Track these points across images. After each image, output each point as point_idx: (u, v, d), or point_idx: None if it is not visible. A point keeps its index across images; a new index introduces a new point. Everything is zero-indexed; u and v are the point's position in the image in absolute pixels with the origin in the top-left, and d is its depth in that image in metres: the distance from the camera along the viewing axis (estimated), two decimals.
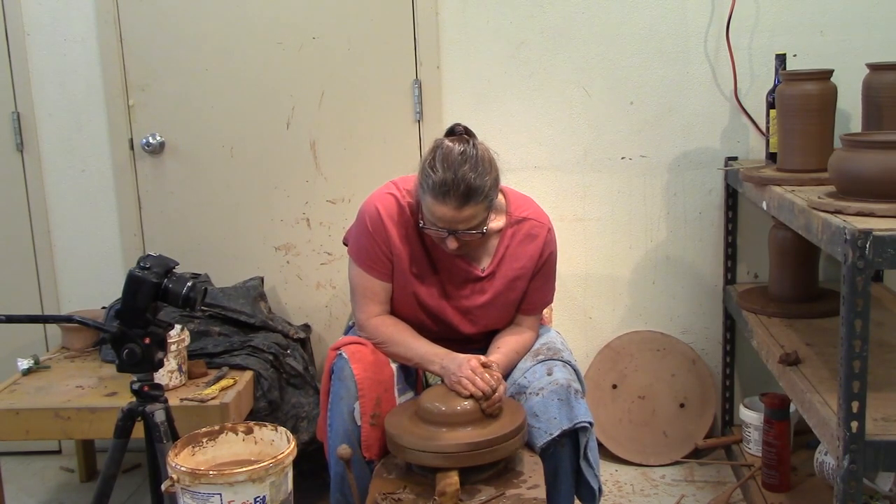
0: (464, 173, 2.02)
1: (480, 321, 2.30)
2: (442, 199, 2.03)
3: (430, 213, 2.08)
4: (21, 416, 2.45)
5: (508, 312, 2.32)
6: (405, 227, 2.22)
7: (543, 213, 2.33)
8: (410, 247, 2.23)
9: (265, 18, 3.00)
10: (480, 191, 2.04)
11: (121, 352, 1.97)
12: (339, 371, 2.16)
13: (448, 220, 2.06)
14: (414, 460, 2.00)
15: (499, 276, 2.27)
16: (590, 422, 2.12)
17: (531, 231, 2.27)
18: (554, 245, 2.31)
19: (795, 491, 2.61)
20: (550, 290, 2.37)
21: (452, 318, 2.29)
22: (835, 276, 2.98)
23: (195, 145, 3.10)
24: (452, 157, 2.04)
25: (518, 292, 2.29)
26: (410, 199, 2.21)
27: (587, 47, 2.96)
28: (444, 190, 2.02)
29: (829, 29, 2.88)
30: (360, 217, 2.26)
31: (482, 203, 2.07)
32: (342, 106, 3.05)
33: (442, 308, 2.28)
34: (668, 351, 3.09)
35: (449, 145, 2.07)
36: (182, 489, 1.84)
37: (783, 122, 2.49)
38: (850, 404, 1.78)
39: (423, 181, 2.06)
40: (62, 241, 3.16)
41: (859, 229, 1.73)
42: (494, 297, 2.27)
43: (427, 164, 2.07)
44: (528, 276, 2.28)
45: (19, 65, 3.04)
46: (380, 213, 2.21)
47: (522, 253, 2.26)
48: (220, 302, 2.84)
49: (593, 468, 2.16)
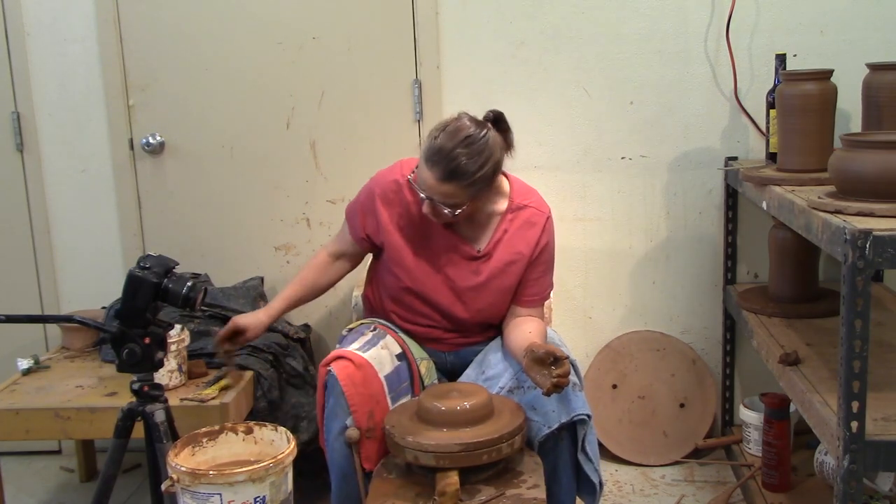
0: (458, 153, 2.08)
1: (473, 304, 2.31)
2: (430, 165, 2.10)
3: (417, 171, 2.17)
4: (21, 416, 2.45)
5: (503, 300, 2.32)
6: (401, 206, 2.30)
7: (545, 203, 2.35)
8: (406, 224, 2.30)
9: (265, 18, 3.00)
10: (466, 175, 2.09)
11: (121, 352, 1.97)
12: (331, 388, 2.16)
13: (427, 186, 2.13)
14: (414, 460, 2.00)
15: (494, 258, 2.29)
16: (588, 414, 2.12)
17: (531, 218, 2.30)
18: (552, 235, 2.34)
19: (795, 491, 2.61)
20: (549, 282, 2.38)
21: (444, 299, 2.30)
22: (835, 276, 2.98)
23: (195, 145, 3.10)
24: (459, 133, 2.09)
25: (513, 278, 2.30)
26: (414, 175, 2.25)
27: (587, 47, 2.96)
28: (435, 158, 2.09)
29: (829, 29, 2.88)
30: (367, 187, 2.38)
31: (465, 188, 2.11)
32: (342, 106, 3.05)
33: (434, 285, 2.30)
34: (668, 351, 3.09)
35: (465, 122, 2.12)
36: (182, 489, 1.85)
37: (783, 122, 2.49)
38: (850, 404, 1.78)
39: (427, 139, 2.14)
40: (62, 241, 3.17)
41: (859, 229, 1.73)
42: (489, 278, 2.29)
43: (437, 127, 2.14)
44: (524, 262, 2.29)
45: (19, 65, 3.04)
46: (374, 193, 2.32)
47: (520, 238, 2.29)
48: (220, 302, 2.84)
49: (592, 462, 2.16)
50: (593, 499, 2.21)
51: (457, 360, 2.41)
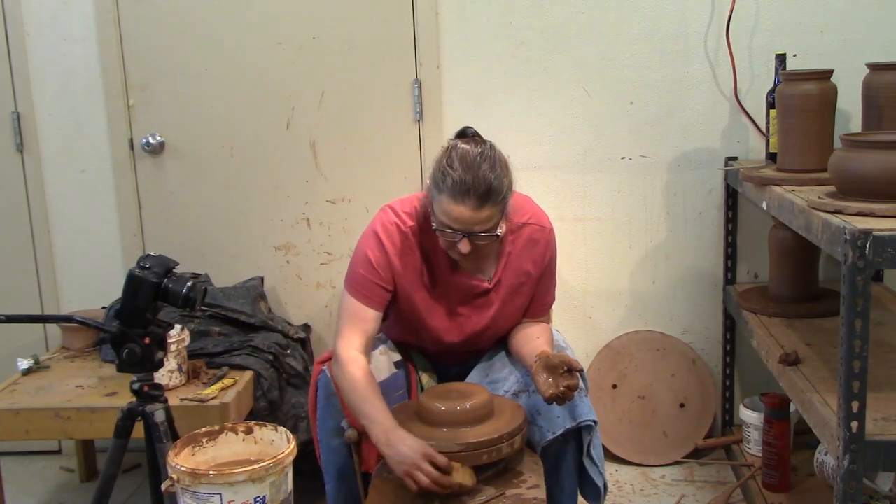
0: (484, 173, 1.97)
1: (484, 338, 2.28)
2: (461, 199, 1.98)
3: (445, 214, 2.01)
4: (21, 416, 2.45)
5: (514, 318, 2.29)
6: (409, 254, 2.17)
7: (543, 215, 2.28)
8: (414, 271, 2.18)
9: (265, 18, 3.00)
10: (499, 191, 2.00)
11: (121, 352, 1.97)
12: (324, 388, 2.15)
13: (465, 220, 2.00)
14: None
15: (504, 285, 2.22)
16: (594, 420, 2.11)
17: (533, 235, 2.23)
18: (555, 246, 2.29)
19: (795, 491, 2.61)
20: (553, 288, 2.36)
21: (455, 338, 2.25)
22: (835, 276, 2.98)
23: (195, 145, 3.10)
24: (471, 157, 1.99)
25: (524, 297, 2.26)
26: (412, 223, 2.16)
27: (587, 47, 2.96)
28: (465, 189, 1.97)
29: (829, 29, 2.88)
30: (359, 246, 2.19)
31: (499, 204, 2.03)
32: (342, 106, 3.05)
33: (446, 328, 2.23)
34: (668, 351, 3.09)
35: (465, 146, 2.03)
36: (182, 489, 1.84)
37: (783, 122, 2.49)
38: (850, 404, 1.78)
39: (440, 181, 2.00)
40: (62, 241, 3.17)
41: (859, 229, 1.73)
42: (501, 307, 2.24)
43: (445, 164, 2.01)
44: (533, 282, 2.25)
45: (19, 65, 3.04)
46: (383, 245, 2.14)
47: (526, 258, 2.23)
48: (220, 302, 2.84)
49: (598, 466, 2.14)
50: (597, 502, 2.19)
51: (462, 370, 2.36)
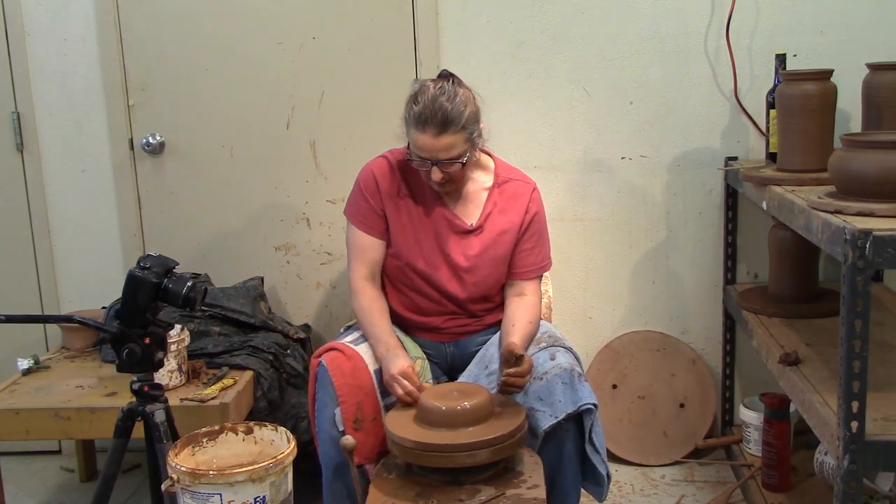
0: (441, 104, 2.18)
1: (470, 279, 2.36)
2: (422, 128, 2.20)
3: (413, 144, 2.25)
4: (21, 416, 2.45)
5: (498, 271, 2.38)
6: (396, 186, 2.38)
7: (529, 178, 2.47)
8: (402, 204, 2.38)
9: (265, 18, 3.00)
10: (457, 120, 2.19)
11: (121, 352, 1.97)
12: (321, 379, 2.21)
13: (428, 148, 2.21)
14: (414, 460, 2.00)
15: (487, 230, 2.37)
16: (594, 403, 2.14)
17: (517, 190, 2.42)
18: (540, 204, 2.44)
19: (795, 491, 2.61)
20: (544, 253, 2.44)
21: (442, 275, 2.35)
22: (835, 276, 2.98)
23: (195, 145, 3.10)
24: (431, 91, 2.21)
25: (506, 247, 2.37)
26: (401, 159, 2.37)
27: (587, 47, 2.96)
28: (423, 119, 2.19)
29: (829, 29, 2.88)
30: (356, 181, 2.42)
31: (460, 133, 2.21)
32: (342, 106, 3.05)
33: (432, 260, 2.35)
34: (668, 351, 3.09)
35: (429, 84, 2.25)
36: (182, 489, 1.85)
37: (783, 122, 2.49)
38: (850, 404, 1.78)
39: (406, 115, 2.25)
40: (62, 241, 3.17)
41: (859, 229, 1.73)
42: (483, 250, 2.36)
43: (409, 100, 2.25)
44: (515, 231, 2.38)
45: (19, 65, 3.04)
46: (373, 173, 2.39)
47: (510, 208, 2.39)
48: (220, 302, 2.84)
49: (600, 453, 2.18)
50: (600, 490, 2.24)
51: (457, 351, 2.43)
